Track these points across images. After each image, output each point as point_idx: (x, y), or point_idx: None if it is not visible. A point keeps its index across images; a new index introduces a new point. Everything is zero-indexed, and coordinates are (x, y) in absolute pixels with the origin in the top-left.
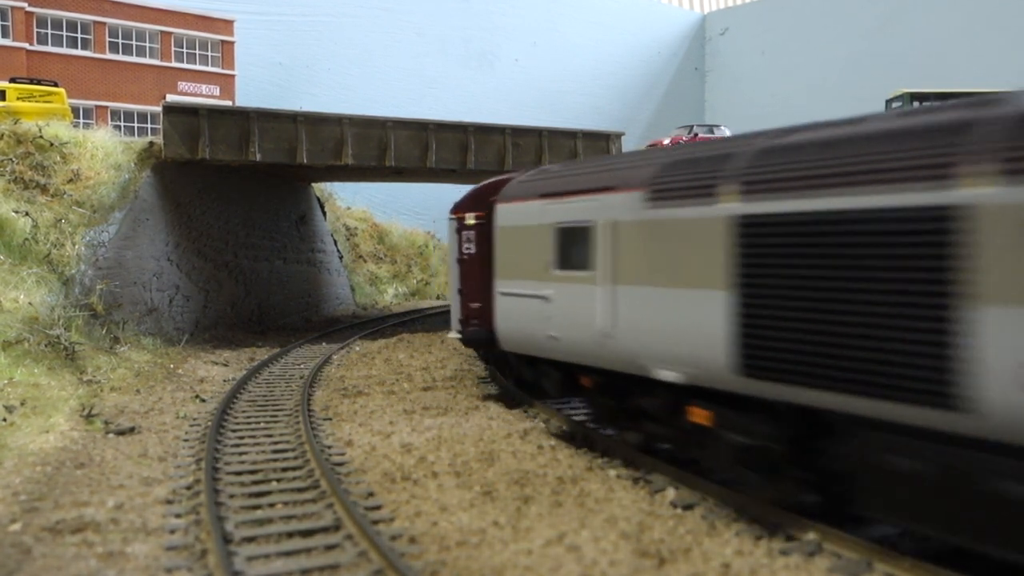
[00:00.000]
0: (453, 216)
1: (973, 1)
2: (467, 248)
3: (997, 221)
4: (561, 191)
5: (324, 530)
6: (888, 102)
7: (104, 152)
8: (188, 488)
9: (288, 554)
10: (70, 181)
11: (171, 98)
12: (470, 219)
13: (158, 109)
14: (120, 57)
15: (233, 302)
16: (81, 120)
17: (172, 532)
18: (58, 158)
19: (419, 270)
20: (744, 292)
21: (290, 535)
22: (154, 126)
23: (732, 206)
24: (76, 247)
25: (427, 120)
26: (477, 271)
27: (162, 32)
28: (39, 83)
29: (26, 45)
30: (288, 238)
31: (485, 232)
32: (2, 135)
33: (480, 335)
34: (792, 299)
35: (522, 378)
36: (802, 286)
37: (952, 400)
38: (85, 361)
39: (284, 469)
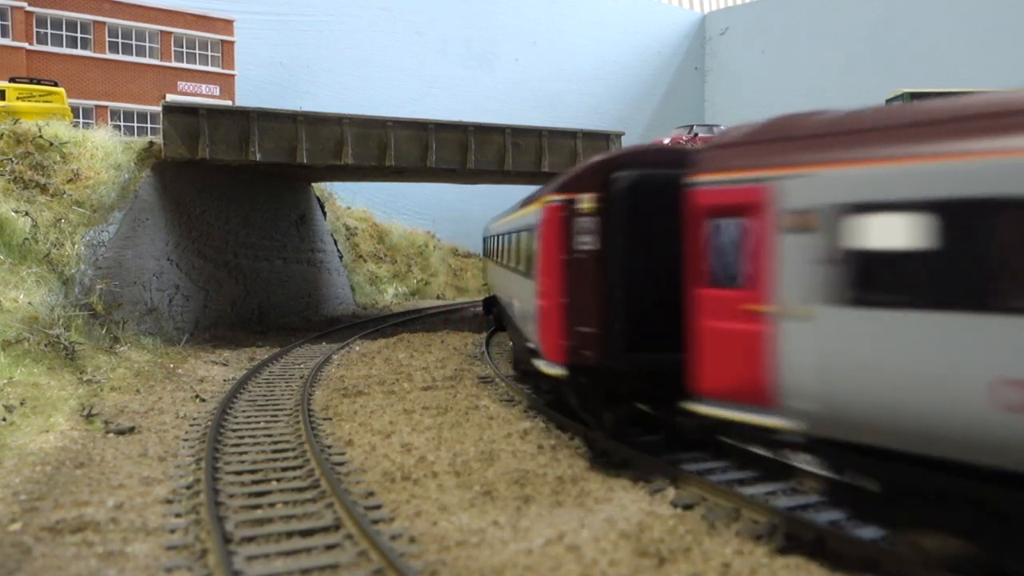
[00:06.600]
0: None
1: (973, 1)
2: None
3: None
4: None
5: (324, 530)
6: (888, 102)
7: (104, 152)
8: (188, 488)
9: (288, 554)
10: (70, 181)
11: (171, 98)
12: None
13: (158, 109)
14: (120, 57)
15: (233, 302)
16: (81, 120)
17: (172, 532)
18: (58, 158)
19: (419, 270)
20: None
21: (290, 535)
22: (154, 126)
23: None
24: (76, 247)
25: (427, 120)
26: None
27: (162, 32)
28: (39, 83)
29: (26, 45)
30: (288, 238)
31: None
32: (2, 135)
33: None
34: None
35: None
36: None
37: None
38: (85, 361)
39: (284, 469)
